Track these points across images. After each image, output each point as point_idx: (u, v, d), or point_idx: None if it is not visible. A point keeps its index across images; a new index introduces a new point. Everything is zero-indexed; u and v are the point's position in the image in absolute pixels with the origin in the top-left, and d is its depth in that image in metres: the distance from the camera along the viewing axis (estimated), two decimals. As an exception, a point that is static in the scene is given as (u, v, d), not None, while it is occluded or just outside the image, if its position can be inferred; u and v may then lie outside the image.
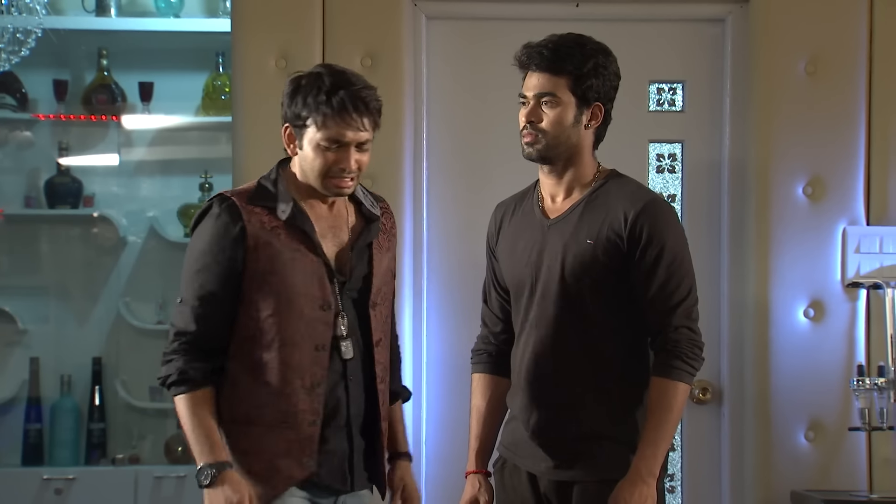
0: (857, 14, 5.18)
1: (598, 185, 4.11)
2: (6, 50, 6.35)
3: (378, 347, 3.96)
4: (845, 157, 5.16)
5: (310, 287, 3.84)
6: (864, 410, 4.95)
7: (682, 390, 4.01)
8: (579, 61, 4.04)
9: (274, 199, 3.87)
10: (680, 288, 4.02)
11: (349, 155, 3.81)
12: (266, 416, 3.83)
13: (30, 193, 6.78)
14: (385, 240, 4.05)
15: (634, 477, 3.95)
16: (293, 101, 3.83)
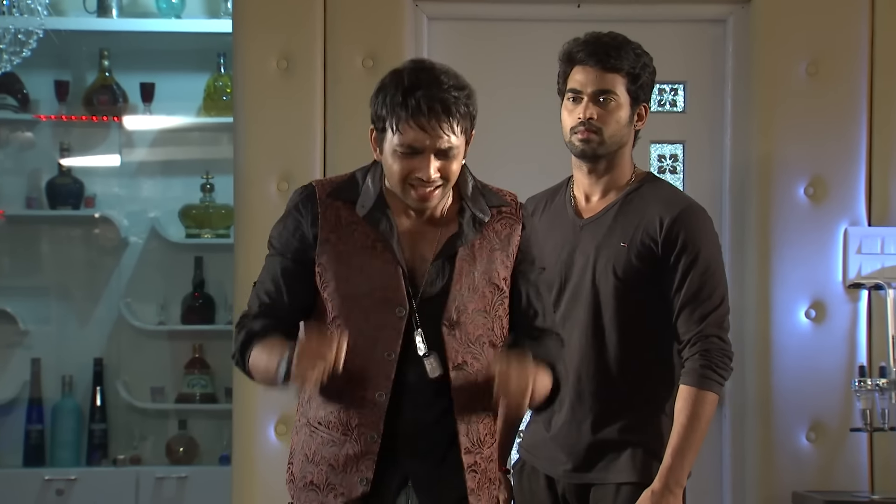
0: (858, 16, 5.18)
1: (633, 187, 4.06)
2: (7, 51, 6.33)
3: (457, 372, 3.46)
4: (846, 157, 5.16)
5: (381, 289, 3.44)
6: (865, 411, 4.95)
7: (710, 400, 3.96)
8: (634, 60, 4.02)
9: (358, 193, 3.51)
10: (713, 297, 3.98)
11: (428, 163, 3.37)
12: (330, 426, 3.48)
13: (31, 194, 6.77)
14: (488, 249, 3.53)
15: (661, 487, 3.91)
16: (375, 100, 3.45)
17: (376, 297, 3.43)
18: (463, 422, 3.48)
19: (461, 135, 3.40)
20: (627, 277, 3.97)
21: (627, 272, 3.97)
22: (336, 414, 3.46)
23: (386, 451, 3.44)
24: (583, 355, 4.00)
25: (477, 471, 3.52)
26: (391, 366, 3.42)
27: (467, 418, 3.49)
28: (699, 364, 3.95)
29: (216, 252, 6.60)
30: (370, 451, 3.43)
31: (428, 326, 3.45)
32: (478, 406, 3.51)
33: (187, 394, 6.67)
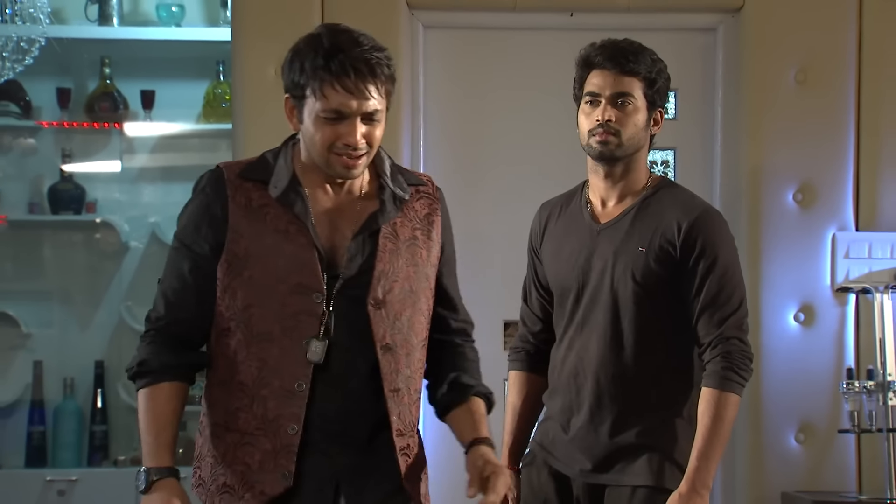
0: (845, 24, 5.19)
1: (650, 192, 4.05)
2: (10, 58, 6.34)
3: (385, 352, 3.27)
4: (834, 164, 5.17)
5: (295, 274, 3.22)
6: (853, 413, 4.96)
7: (734, 401, 3.93)
8: (650, 65, 4.01)
9: (270, 174, 3.29)
10: (732, 299, 3.96)
11: (354, 128, 3.18)
12: (240, 422, 3.26)
13: (33, 200, 6.77)
14: (409, 229, 3.36)
15: (689, 490, 3.87)
16: (291, 67, 3.24)
17: (291, 283, 3.22)
18: (394, 404, 3.29)
19: (384, 98, 3.23)
20: (646, 282, 3.95)
21: (646, 276, 3.95)
22: (249, 408, 3.24)
23: (308, 442, 3.23)
24: (602, 359, 3.98)
25: (409, 455, 3.34)
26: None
27: (398, 400, 3.30)
28: (721, 366, 3.91)
29: (215, 256, 6.61)
30: (290, 444, 3.21)
31: (352, 307, 3.24)
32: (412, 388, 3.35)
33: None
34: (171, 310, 3.28)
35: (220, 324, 3.27)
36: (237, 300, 3.23)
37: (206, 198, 3.28)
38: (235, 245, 3.23)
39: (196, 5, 6.75)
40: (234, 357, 3.25)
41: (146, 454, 3.22)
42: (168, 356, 3.26)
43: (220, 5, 6.64)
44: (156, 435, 3.23)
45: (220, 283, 3.25)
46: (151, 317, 3.32)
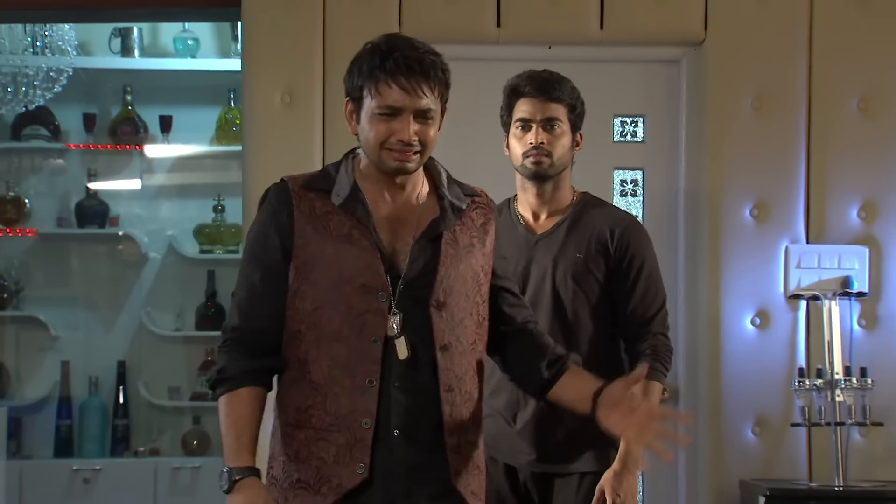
0: (797, 57, 5.19)
1: (579, 205, 4.12)
2: (41, 87, 6.36)
3: (443, 353, 3.16)
4: (787, 183, 5.16)
5: (360, 276, 3.12)
6: (804, 408, 4.96)
7: (659, 389, 4.05)
8: (571, 92, 4.07)
9: (332, 183, 3.19)
10: (657, 299, 4.07)
11: (407, 125, 3.09)
12: (313, 420, 3.13)
13: (61, 214, 6.78)
14: (468, 236, 3.25)
15: (621, 468, 3.94)
16: (351, 71, 3.16)
17: (357, 284, 3.12)
18: (447, 403, 3.16)
19: (437, 99, 3.14)
20: (584, 284, 4.03)
21: (584, 279, 4.03)
22: (322, 405, 3.12)
23: (377, 437, 3.11)
24: None
25: (461, 452, 3.21)
26: (378, 351, 3.12)
27: (451, 399, 3.17)
28: (649, 359, 4.00)
29: (227, 266, 6.62)
30: (364, 438, 3.10)
31: (414, 307, 3.15)
32: (462, 388, 3.21)
33: (201, 393, 6.68)
34: (245, 319, 3.18)
35: (291, 326, 3.17)
36: (306, 303, 3.15)
37: (273, 208, 3.20)
38: (302, 251, 3.15)
39: (209, 38, 6.76)
40: (306, 357, 3.15)
41: (228, 454, 3.10)
42: (245, 362, 3.15)
43: (232, 39, 6.66)
44: (237, 436, 3.10)
45: (290, 287, 3.16)
46: (227, 328, 3.21)
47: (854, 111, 5.19)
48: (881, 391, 5.02)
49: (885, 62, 5.20)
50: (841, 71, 5.19)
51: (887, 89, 5.20)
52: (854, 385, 4.94)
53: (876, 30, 5.21)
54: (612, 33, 5.21)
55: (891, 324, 5.17)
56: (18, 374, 6.75)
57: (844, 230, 5.17)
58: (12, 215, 6.70)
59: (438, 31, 5.19)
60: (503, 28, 5.21)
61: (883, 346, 5.15)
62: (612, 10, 5.20)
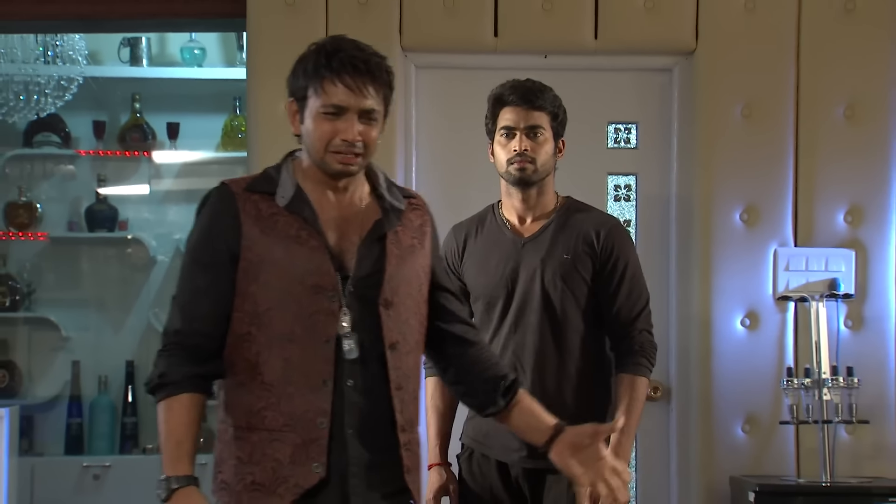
0: (786, 66, 5.20)
1: (563, 209, 4.14)
2: (52, 95, 6.36)
3: (392, 351, 3.09)
4: (776, 188, 5.17)
5: (310, 276, 3.02)
6: (792, 406, 4.96)
7: (645, 384, 4.08)
8: (553, 101, 4.09)
9: (275, 185, 3.10)
10: (641, 297, 4.10)
11: (352, 125, 3.01)
12: (267, 420, 3.02)
13: (72, 219, 6.78)
14: (409, 237, 3.20)
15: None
16: (296, 71, 3.12)
17: (307, 284, 3.02)
18: (398, 400, 3.09)
19: (381, 101, 3.06)
20: (572, 283, 4.05)
21: (572, 279, 4.06)
22: (276, 406, 3.01)
23: (331, 436, 3.02)
24: (538, 354, 4.04)
25: (411, 449, 3.15)
26: (330, 350, 3.02)
27: (401, 397, 3.10)
28: (635, 355, 4.06)
29: (233, 269, 6.61)
30: (320, 437, 3.00)
31: (363, 307, 3.06)
32: (410, 387, 3.15)
33: (207, 392, 6.68)
34: (188, 323, 3.06)
35: (239, 329, 3.05)
36: (256, 305, 3.03)
37: (216, 211, 3.10)
38: (249, 252, 3.04)
39: (216, 48, 6.76)
40: (257, 359, 3.03)
41: (167, 463, 3.00)
42: (187, 367, 3.03)
43: (237, 48, 6.66)
44: (176, 444, 3.00)
45: (238, 290, 3.04)
46: (169, 331, 3.09)
47: (840, 118, 5.19)
48: (867, 390, 5.02)
49: (870, 71, 5.21)
50: (827, 80, 5.19)
51: (872, 97, 5.20)
52: (841, 384, 4.94)
53: (861, 40, 5.21)
54: (605, 43, 5.21)
55: (876, 325, 5.17)
56: (30, 373, 6.75)
57: (831, 234, 5.18)
58: (24, 220, 6.70)
59: (438, 40, 5.21)
60: (500, 38, 5.21)
61: (868, 347, 5.15)
62: (605, 21, 5.20)
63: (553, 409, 4.00)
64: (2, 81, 6.33)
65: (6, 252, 6.69)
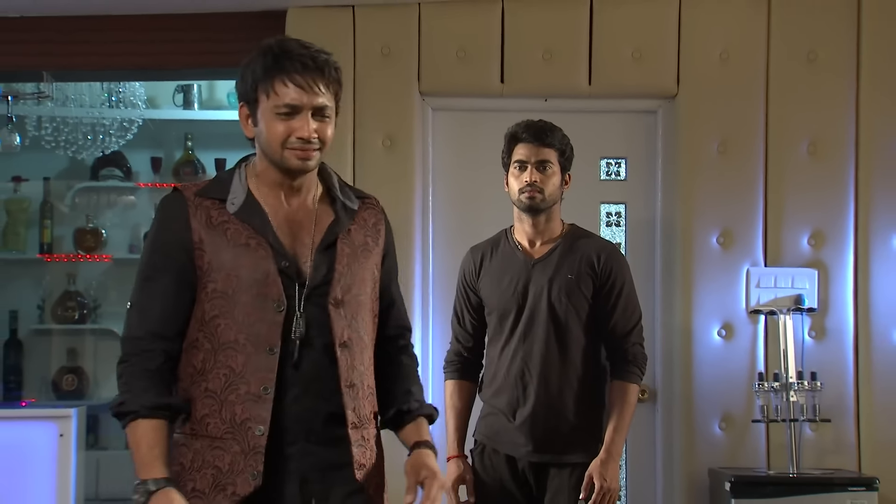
0: (756, 108, 5.19)
1: (568, 234, 4.15)
2: (115, 135, 6.39)
3: (343, 349, 2.77)
4: (748, 214, 5.15)
5: (256, 285, 2.72)
6: (763, 407, 4.95)
7: (636, 390, 4.10)
8: (562, 139, 4.11)
9: (226, 192, 2.79)
10: (635, 314, 4.12)
11: (306, 122, 2.71)
12: (209, 428, 2.72)
13: (133, 242, 6.79)
14: (362, 235, 2.88)
15: (606, 457, 3.98)
16: (244, 75, 2.79)
17: (255, 294, 2.72)
18: (350, 398, 2.78)
19: (332, 97, 2.76)
20: (575, 300, 4.07)
21: (575, 296, 4.07)
22: (218, 413, 2.72)
23: (275, 442, 2.72)
24: (544, 362, 4.05)
25: (365, 446, 2.82)
26: (274, 360, 2.71)
27: (354, 394, 2.79)
28: (629, 364, 4.08)
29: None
30: (258, 445, 2.69)
31: (315, 307, 2.76)
32: (364, 383, 2.84)
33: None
34: (145, 327, 2.77)
35: (190, 336, 2.77)
36: (203, 312, 2.74)
37: (170, 216, 2.79)
38: (199, 260, 2.74)
39: (258, 93, 6.77)
40: (203, 366, 2.74)
41: (141, 467, 2.70)
42: (146, 396, 2.71)
43: (277, 93, 6.66)
44: (149, 447, 2.70)
45: (194, 297, 2.77)
46: (128, 338, 2.79)
47: (805, 154, 5.18)
48: (828, 392, 5.01)
49: (831, 113, 5.20)
50: (793, 120, 5.19)
51: (833, 135, 5.19)
52: (805, 387, 4.92)
53: (822, 86, 5.20)
54: (598, 88, 5.21)
55: (837, 335, 5.15)
56: (96, 377, 6.75)
57: (797, 255, 5.16)
58: (91, 244, 6.71)
59: (452, 86, 5.22)
60: (506, 83, 5.21)
61: (830, 354, 5.13)
62: (598, 69, 5.20)
63: (555, 410, 4.04)
64: (72, 123, 6.35)
65: (75, 272, 6.70)
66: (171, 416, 2.75)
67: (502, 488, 4.11)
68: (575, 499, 4.00)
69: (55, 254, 6.68)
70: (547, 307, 4.06)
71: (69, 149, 6.36)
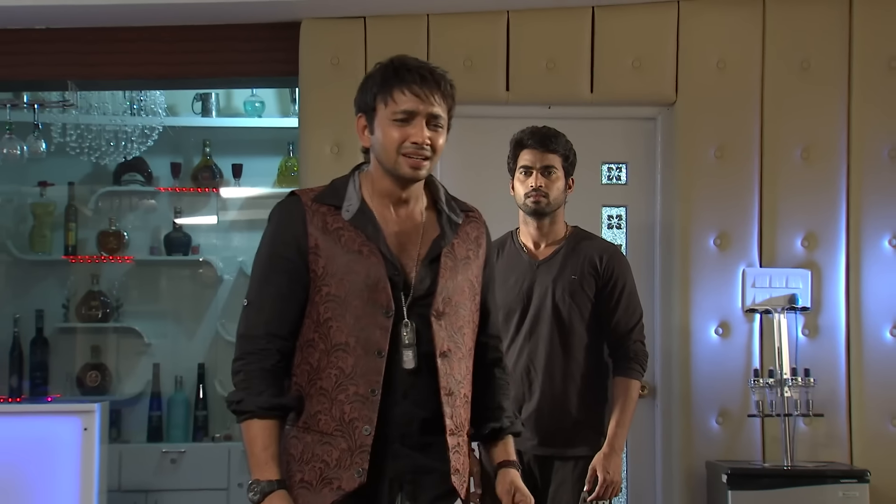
0: (752, 115, 5.19)
1: (572, 236, 4.14)
2: (137, 141, 6.38)
3: (443, 359, 2.80)
4: (744, 217, 5.15)
5: (368, 290, 2.75)
6: (759, 402, 4.94)
7: (637, 386, 4.08)
8: (565, 145, 4.09)
9: (341, 199, 2.81)
10: (636, 312, 4.10)
11: (421, 128, 2.74)
12: (320, 423, 2.76)
13: (153, 244, 6.79)
14: (464, 249, 2.90)
15: (609, 450, 3.96)
16: (364, 88, 2.82)
17: (366, 299, 2.75)
18: (448, 405, 2.81)
19: (446, 110, 2.80)
20: (578, 300, 4.06)
21: (578, 296, 4.06)
22: (329, 411, 2.75)
23: (379, 443, 2.75)
24: (549, 359, 4.04)
25: (460, 452, 2.86)
26: (381, 363, 2.74)
27: (452, 402, 2.82)
28: (631, 361, 4.06)
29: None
30: (364, 444, 2.73)
31: (417, 317, 2.79)
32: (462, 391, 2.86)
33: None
34: (262, 326, 2.79)
35: (306, 335, 2.80)
36: (318, 314, 2.78)
37: (287, 220, 2.82)
38: (315, 263, 2.77)
39: (273, 101, 6.78)
40: (317, 365, 2.78)
41: (255, 466, 2.74)
42: (262, 399, 2.76)
43: (291, 101, 6.67)
44: (263, 447, 2.74)
45: (308, 298, 2.80)
46: (245, 335, 2.80)
47: (798, 159, 5.17)
48: (821, 388, 5.00)
49: (823, 119, 5.19)
50: (787, 126, 5.18)
51: (825, 141, 5.18)
52: (799, 383, 4.91)
53: (815, 93, 5.20)
54: (600, 96, 5.20)
55: (829, 333, 5.14)
56: (118, 374, 6.75)
57: (791, 256, 5.15)
58: (114, 245, 6.71)
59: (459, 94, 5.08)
60: (511, 91, 5.21)
61: (823, 352, 5.13)
62: (600, 77, 5.20)
63: (559, 406, 4.03)
64: (96, 130, 6.35)
65: (98, 273, 6.70)
66: (284, 414, 2.80)
67: None
68: (578, 491, 3.99)
69: (79, 255, 6.68)
70: (551, 306, 4.05)
71: (93, 155, 6.36)
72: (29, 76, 5.53)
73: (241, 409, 2.77)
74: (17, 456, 5.17)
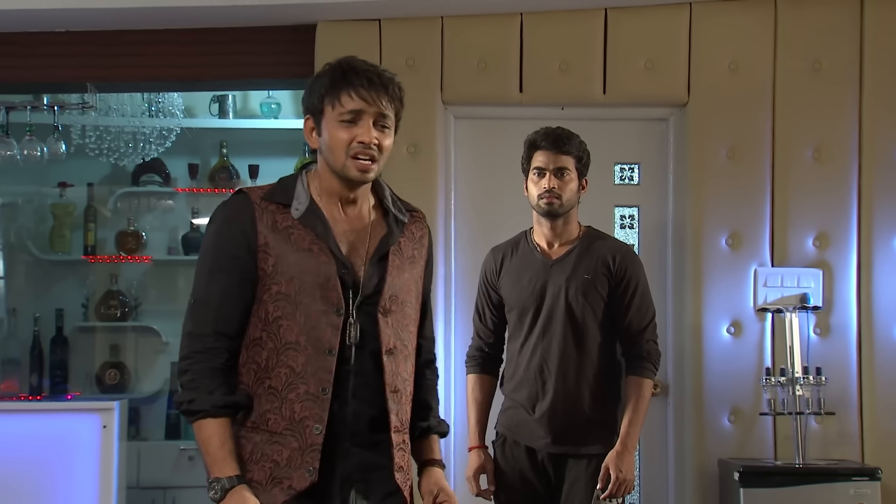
0: (763, 115, 5.17)
1: (585, 236, 4.12)
2: (154, 143, 6.37)
3: (389, 356, 2.78)
4: (756, 217, 5.13)
5: (319, 289, 2.71)
6: (770, 401, 4.92)
7: (650, 385, 4.07)
8: (579, 146, 4.07)
9: (290, 197, 2.78)
10: (649, 312, 4.08)
11: (368, 128, 2.71)
12: (270, 423, 2.71)
13: (171, 244, 6.79)
14: (410, 248, 2.89)
15: (622, 449, 3.96)
16: (311, 90, 2.78)
17: (317, 297, 2.71)
18: (394, 402, 2.78)
19: (393, 113, 2.78)
20: (591, 299, 4.04)
21: (591, 295, 4.04)
22: (279, 410, 2.71)
23: (328, 441, 2.71)
24: (562, 358, 4.03)
25: (404, 450, 2.84)
26: (332, 362, 2.70)
27: (397, 400, 2.80)
28: (642, 360, 4.05)
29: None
30: (315, 443, 2.69)
31: (365, 315, 2.75)
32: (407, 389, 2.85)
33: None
34: (209, 325, 2.74)
35: (252, 334, 2.75)
36: (267, 313, 2.73)
37: (235, 217, 2.76)
38: (264, 262, 2.72)
39: (289, 103, 6.77)
40: (266, 364, 2.73)
41: (213, 464, 2.69)
42: (214, 397, 2.71)
43: (307, 103, 6.65)
44: (220, 444, 2.69)
45: (255, 296, 2.75)
46: (191, 334, 2.74)
47: (809, 159, 5.15)
48: (832, 387, 4.98)
49: (834, 120, 5.17)
50: (798, 127, 5.16)
51: (836, 142, 5.16)
52: (811, 382, 4.89)
53: (826, 94, 5.18)
54: (613, 97, 5.18)
55: (841, 332, 5.12)
56: (137, 372, 6.75)
57: (802, 256, 5.12)
58: (132, 245, 6.71)
59: (473, 95, 5.20)
60: (525, 93, 5.19)
61: (834, 351, 5.10)
62: (612, 79, 5.18)
63: (573, 404, 4.01)
64: (114, 132, 6.35)
65: (117, 272, 6.70)
66: (236, 412, 2.75)
67: (523, 478, 4.09)
68: (592, 488, 3.97)
69: (98, 255, 6.68)
70: (564, 306, 4.04)
71: (111, 156, 6.35)
72: (49, 78, 5.54)
73: (193, 408, 2.71)
74: (37, 453, 5.19)
